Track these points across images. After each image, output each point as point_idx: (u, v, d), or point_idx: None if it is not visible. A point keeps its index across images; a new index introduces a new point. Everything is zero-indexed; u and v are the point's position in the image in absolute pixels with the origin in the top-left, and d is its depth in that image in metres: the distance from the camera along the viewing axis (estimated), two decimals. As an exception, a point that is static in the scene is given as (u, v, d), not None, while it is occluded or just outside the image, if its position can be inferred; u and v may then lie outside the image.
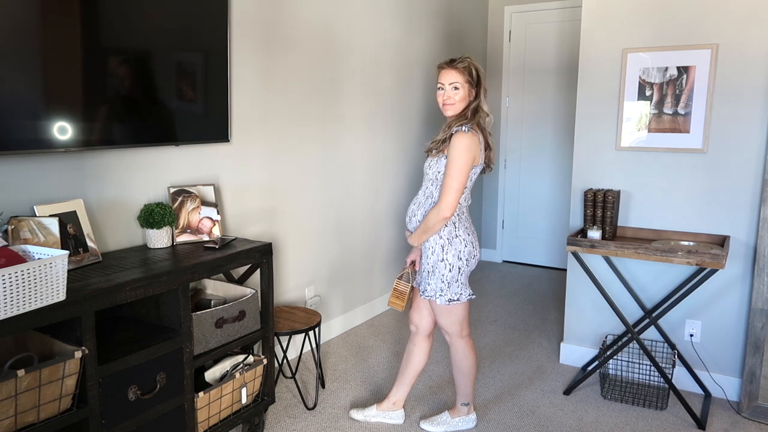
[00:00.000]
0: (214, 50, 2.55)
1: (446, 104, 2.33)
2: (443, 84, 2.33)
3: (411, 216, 2.43)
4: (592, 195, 2.97)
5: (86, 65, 2.06)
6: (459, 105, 2.32)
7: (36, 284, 1.59)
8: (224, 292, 2.49)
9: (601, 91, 3.09)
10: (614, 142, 3.08)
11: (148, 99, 2.31)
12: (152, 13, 2.27)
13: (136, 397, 1.93)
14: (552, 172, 5.18)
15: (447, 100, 2.32)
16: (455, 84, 2.31)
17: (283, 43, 3.02)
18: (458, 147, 2.26)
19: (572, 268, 3.23)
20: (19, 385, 1.57)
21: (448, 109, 2.33)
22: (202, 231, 2.50)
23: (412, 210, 2.43)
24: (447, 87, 2.32)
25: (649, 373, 3.02)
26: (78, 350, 1.71)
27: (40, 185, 2.05)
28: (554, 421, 2.72)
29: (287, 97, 3.10)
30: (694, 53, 2.84)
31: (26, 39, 1.88)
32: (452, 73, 2.32)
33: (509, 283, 4.92)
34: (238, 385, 2.33)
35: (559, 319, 3.97)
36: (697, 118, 2.86)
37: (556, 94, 5.05)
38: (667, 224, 3.00)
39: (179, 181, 2.55)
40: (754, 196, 2.79)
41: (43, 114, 1.95)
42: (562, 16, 4.94)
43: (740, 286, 2.87)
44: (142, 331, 2.10)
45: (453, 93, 2.31)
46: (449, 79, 2.32)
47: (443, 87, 2.33)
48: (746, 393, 2.79)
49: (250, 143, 2.89)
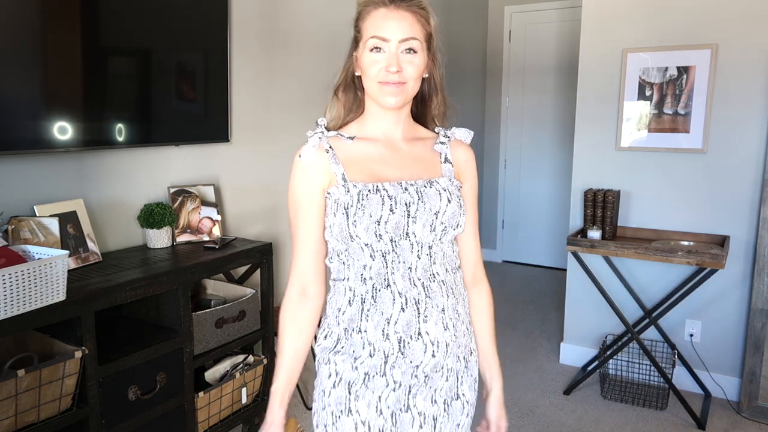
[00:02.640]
0: (214, 50, 2.55)
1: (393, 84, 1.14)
2: (384, 40, 1.14)
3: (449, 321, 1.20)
4: (592, 195, 2.97)
5: (86, 65, 2.06)
6: (416, 85, 1.19)
7: (36, 284, 1.59)
8: (224, 292, 2.49)
9: (601, 91, 3.09)
10: (614, 142, 3.08)
11: (148, 99, 2.31)
12: (152, 13, 2.27)
13: (136, 397, 1.93)
14: (552, 172, 5.18)
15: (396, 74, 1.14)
16: (410, 42, 1.14)
17: (283, 42, 3.02)
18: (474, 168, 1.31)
19: (572, 268, 3.23)
20: (19, 385, 1.57)
21: (395, 94, 1.15)
22: (202, 231, 2.50)
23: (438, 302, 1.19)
24: (393, 47, 1.14)
25: (649, 373, 3.02)
26: (78, 350, 1.71)
27: (40, 185, 2.05)
28: (554, 421, 2.72)
29: (287, 96, 3.10)
30: (694, 53, 2.84)
31: (27, 39, 1.88)
32: (406, 18, 1.15)
33: (509, 283, 4.92)
34: (238, 385, 2.33)
35: (559, 319, 3.97)
36: (697, 118, 2.86)
37: (556, 94, 5.05)
38: (667, 224, 3.00)
39: (179, 181, 2.55)
40: (754, 196, 2.79)
41: (44, 114, 1.95)
42: (562, 16, 4.94)
43: (740, 286, 2.87)
44: (142, 331, 2.10)
45: (407, 60, 1.15)
46: (400, 30, 1.14)
47: (382, 47, 1.15)
48: (746, 393, 2.79)
49: (250, 143, 2.89)
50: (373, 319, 1.16)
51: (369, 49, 1.17)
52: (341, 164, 1.19)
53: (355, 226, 1.13)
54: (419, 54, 1.17)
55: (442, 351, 1.19)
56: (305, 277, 1.22)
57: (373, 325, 1.16)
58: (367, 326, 1.16)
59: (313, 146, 1.21)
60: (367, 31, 1.18)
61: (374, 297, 1.16)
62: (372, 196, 1.14)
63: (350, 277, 1.19)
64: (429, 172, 1.23)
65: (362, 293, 1.17)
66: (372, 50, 1.16)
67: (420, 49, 1.16)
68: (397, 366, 1.17)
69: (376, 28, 1.16)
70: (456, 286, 1.25)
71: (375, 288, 1.16)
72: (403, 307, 1.16)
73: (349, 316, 1.18)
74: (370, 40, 1.16)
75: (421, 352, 1.16)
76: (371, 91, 1.19)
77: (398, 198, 1.15)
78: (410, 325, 1.16)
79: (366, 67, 1.18)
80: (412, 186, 1.18)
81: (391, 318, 1.15)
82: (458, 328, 1.23)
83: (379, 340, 1.16)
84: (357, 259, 1.17)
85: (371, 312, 1.16)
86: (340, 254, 1.19)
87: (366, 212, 1.13)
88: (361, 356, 1.17)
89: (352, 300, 1.18)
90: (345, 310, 1.19)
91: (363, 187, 1.15)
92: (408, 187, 1.17)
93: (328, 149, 1.20)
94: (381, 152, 1.22)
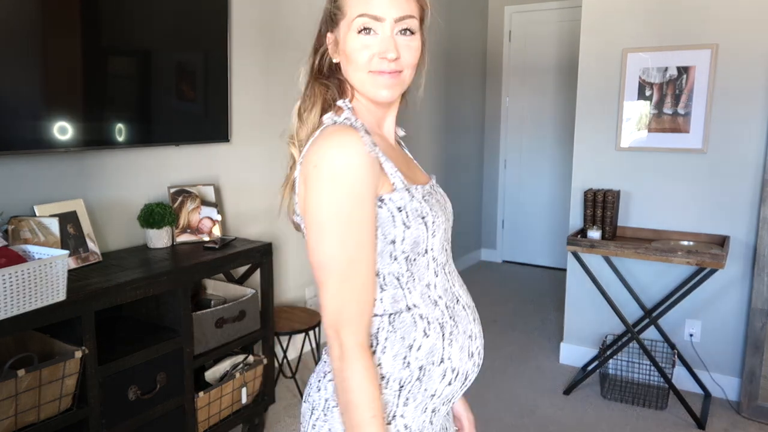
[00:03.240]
0: (214, 50, 2.55)
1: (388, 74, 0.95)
2: (378, 19, 0.93)
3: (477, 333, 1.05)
4: (592, 195, 2.97)
5: (87, 65, 2.06)
6: (412, 74, 1.00)
7: (36, 284, 1.59)
8: (224, 292, 2.49)
9: (601, 91, 3.09)
10: (614, 142, 3.08)
11: (148, 99, 2.31)
12: (153, 13, 2.27)
13: (136, 397, 1.93)
14: (552, 172, 5.18)
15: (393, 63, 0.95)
16: (407, 21, 0.95)
17: (283, 42, 3.02)
18: None
19: (572, 268, 3.23)
20: (19, 385, 1.57)
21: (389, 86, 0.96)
22: (202, 231, 2.50)
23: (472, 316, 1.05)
24: (388, 28, 0.93)
25: (649, 373, 3.02)
26: (78, 350, 1.72)
27: (40, 185, 2.05)
28: (554, 421, 2.72)
29: (287, 96, 3.09)
30: (694, 53, 2.84)
31: (27, 39, 1.88)
32: None
33: (509, 283, 4.91)
34: (238, 385, 2.33)
35: (559, 319, 3.97)
36: (697, 118, 2.86)
37: (556, 94, 5.05)
38: (667, 224, 3.00)
39: (179, 181, 2.55)
40: (754, 196, 2.79)
41: (44, 114, 1.95)
42: (562, 16, 4.94)
43: (740, 286, 2.87)
44: (142, 331, 2.10)
45: (404, 44, 0.95)
46: (396, 7, 0.93)
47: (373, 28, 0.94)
48: (746, 393, 2.79)
49: (250, 143, 2.89)
50: (458, 341, 0.98)
51: (356, 30, 0.93)
52: (392, 162, 0.94)
53: (434, 237, 0.94)
54: (417, 36, 0.96)
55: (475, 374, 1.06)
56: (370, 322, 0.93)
57: (458, 347, 0.97)
58: (452, 353, 0.96)
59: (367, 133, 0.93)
60: (351, 8, 0.93)
61: (453, 317, 0.98)
62: (433, 201, 0.98)
63: (417, 303, 0.95)
64: (423, 174, 1.09)
65: (438, 317, 0.96)
66: (360, 32, 0.93)
67: (417, 29, 0.96)
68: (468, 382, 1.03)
69: (365, 4, 0.92)
70: None
71: (449, 307, 0.98)
72: (474, 318, 1.03)
73: (428, 350, 0.95)
74: (358, 19, 0.92)
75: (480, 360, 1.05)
76: (357, 81, 0.96)
77: (437, 201, 1.00)
78: (478, 335, 1.03)
79: (352, 53, 0.94)
80: (435, 189, 1.05)
81: (472, 333, 1.01)
82: None
83: (464, 361, 0.99)
84: (419, 279, 0.95)
85: (454, 334, 0.97)
86: (400, 278, 0.94)
87: (439, 220, 0.96)
88: (438, 389, 0.96)
89: (427, 330, 0.95)
90: (421, 345, 0.94)
91: (423, 191, 0.97)
92: (434, 190, 1.04)
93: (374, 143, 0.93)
94: (392, 150, 1.02)
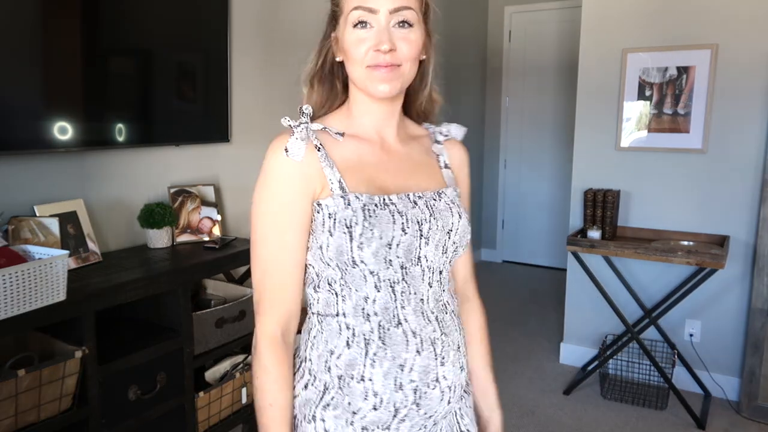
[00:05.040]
0: (214, 50, 2.55)
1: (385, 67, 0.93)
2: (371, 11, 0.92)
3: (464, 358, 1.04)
4: (592, 195, 2.97)
5: (87, 65, 2.06)
6: (413, 68, 0.97)
7: (36, 284, 1.59)
8: (224, 292, 2.49)
9: (601, 91, 3.09)
10: (614, 142, 3.08)
11: (148, 99, 2.31)
12: (153, 13, 2.27)
13: (136, 397, 1.93)
14: (552, 172, 5.18)
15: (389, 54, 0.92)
16: (403, 12, 0.93)
17: (283, 42, 3.02)
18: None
19: (572, 268, 3.23)
20: (19, 385, 1.57)
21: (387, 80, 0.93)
22: (202, 231, 2.50)
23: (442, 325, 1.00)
24: (383, 19, 0.92)
25: (649, 373, 3.02)
26: (78, 350, 1.72)
27: (40, 185, 2.05)
28: (554, 421, 2.72)
29: (288, 96, 3.10)
30: (694, 53, 2.84)
31: (27, 39, 1.88)
32: None
33: (509, 283, 4.92)
34: (238, 385, 2.33)
35: (559, 319, 3.97)
36: (696, 118, 2.86)
37: (556, 94, 5.05)
38: (667, 224, 3.00)
39: (179, 181, 2.55)
40: (754, 196, 2.79)
41: (44, 114, 1.95)
42: (562, 16, 4.94)
43: (740, 286, 2.87)
44: (142, 331, 2.10)
45: (401, 36, 0.93)
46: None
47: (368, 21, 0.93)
48: (746, 393, 2.79)
49: (250, 143, 2.89)
50: (382, 365, 0.93)
51: (352, 24, 0.93)
52: (336, 168, 0.94)
53: (361, 249, 0.90)
54: (415, 28, 0.93)
55: (456, 395, 1.00)
56: (290, 316, 0.97)
57: (381, 372, 0.93)
58: (373, 374, 0.93)
59: (302, 140, 0.93)
60: (347, 2, 0.93)
61: (382, 338, 0.93)
62: (381, 212, 0.91)
63: (347, 312, 0.94)
64: (432, 181, 1.02)
65: (365, 332, 0.93)
66: (356, 26, 0.92)
67: (416, 21, 0.93)
68: (408, 419, 0.95)
69: None
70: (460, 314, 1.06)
71: (382, 326, 0.93)
72: (419, 350, 0.94)
73: (347, 362, 0.94)
74: (353, 12, 0.92)
75: (437, 401, 0.96)
76: (357, 78, 0.95)
77: (409, 215, 0.93)
78: (428, 371, 0.94)
79: (350, 47, 0.93)
80: (420, 199, 0.96)
81: (406, 364, 0.93)
82: (464, 363, 1.04)
83: (389, 390, 0.93)
84: (356, 290, 0.94)
85: (379, 356, 0.93)
86: (333, 283, 0.95)
87: (375, 233, 0.90)
88: (362, 409, 0.94)
89: (350, 341, 0.94)
90: (341, 354, 0.94)
91: (368, 200, 0.92)
92: (417, 200, 0.96)
93: (318, 146, 0.94)
94: (378, 155, 0.99)
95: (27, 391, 1.59)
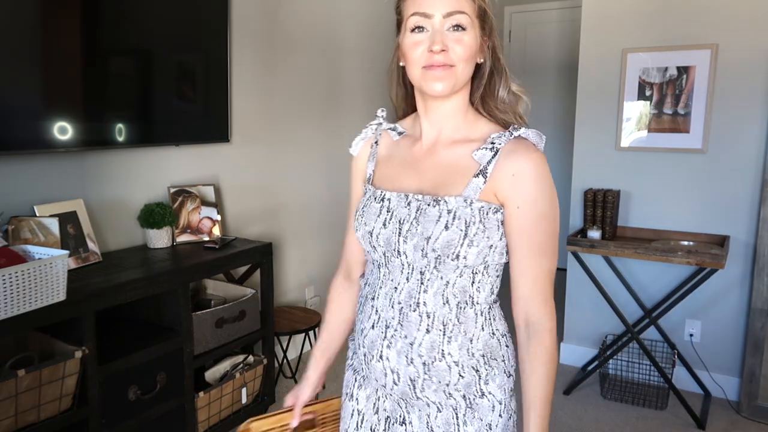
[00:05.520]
0: (214, 50, 2.55)
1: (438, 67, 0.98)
2: (427, 16, 0.98)
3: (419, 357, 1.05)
4: (592, 195, 2.97)
5: (87, 65, 2.06)
6: (466, 69, 1.02)
7: (36, 284, 1.59)
8: (224, 292, 2.49)
9: (601, 91, 3.09)
10: (614, 142, 3.08)
11: (148, 99, 2.31)
12: (153, 13, 2.27)
13: (136, 397, 1.93)
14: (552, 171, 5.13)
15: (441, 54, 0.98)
16: (456, 16, 0.98)
17: (283, 42, 3.02)
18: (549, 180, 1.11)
19: (572, 268, 3.23)
20: (19, 384, 1.57)
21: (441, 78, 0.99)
22: (202, 231, 2.50)
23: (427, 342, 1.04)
24: (438, 23, 0.98)
25: (649, 373, 3.02)
26: (78, 350, 1.72)
27: (40, 185, 2.05)
28: (554, 421, 2.72)
29: (287, 96, 3.10)
30: (694, 53, 2.83)
31: (27, 39, 1.88)
32: None
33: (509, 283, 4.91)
34: (238, 385, 2.33)
35: (559, 319, 3.96)
36: (696, 118, 2.86)
37: (556, 94, 5.05)
38: (667, 224, 3.00)
39: (179, 181, 2.55)
40: (754, 196, 2.79)
41: (44, 114, 1.95)
42: (562, 16, 4.94)
43: (740, 286, 2.87)
44: (142, 331, 2.10)
45: (455, 39, 0.98)
46: (444, 3, 0.98)
47: (424, 26, 0.99)
48: (746, 393, 2.79)
49: (250, 143, 2.89)
50: (360, 322, 1.15)
51: (410, 29, 1.01)
52: (375, 162, 1.16)
53: (357, 231, 1.11)
54: (469, 32, 0.99)
55: (405, 383, 1.06)
56: (349, 263, 1.27)
57: (360, 328, 1.14)
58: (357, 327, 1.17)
59: (362, 138, 1.20)
60: (406, 9, 1.02)
61: (364, 304, 1.14)
62: (373, 204, 1.09)
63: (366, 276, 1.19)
64: (448, 186, 1.02)
65: (363, 295, 1.16)
66: (413, 30, 1.00)
67: (470, 25, 0.99)
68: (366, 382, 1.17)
69: (417, 4, 1.00)
70: (458, 323, 1.05)
71: (367, 296, 1.13)
72: (374, 324, 1.09)
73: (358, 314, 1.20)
74: (411, 18, 1.00)
75: (382, 375, 1.09)
76: (415, 78, 1.03)
77: (396, 212, 1.05)
78: (374, 345, 1.09)
79: (408, 50, 1.01)
80: (416, 201, 1.03)
81: (364, 330, 1.12)
82: (437, 366, 1.03)
83: (360, 344, 1.14)
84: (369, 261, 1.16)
85: (359, 317, 1.15)
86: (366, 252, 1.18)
87: (363, 220, 1.09)
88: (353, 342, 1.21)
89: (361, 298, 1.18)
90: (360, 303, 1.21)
91: (372, 192, 1.11)
92: (412, 201, 1.04)
93: (374, 144, 1.18)
94: (416, 154, 1.09)
95: (27, 391, 1.59)
